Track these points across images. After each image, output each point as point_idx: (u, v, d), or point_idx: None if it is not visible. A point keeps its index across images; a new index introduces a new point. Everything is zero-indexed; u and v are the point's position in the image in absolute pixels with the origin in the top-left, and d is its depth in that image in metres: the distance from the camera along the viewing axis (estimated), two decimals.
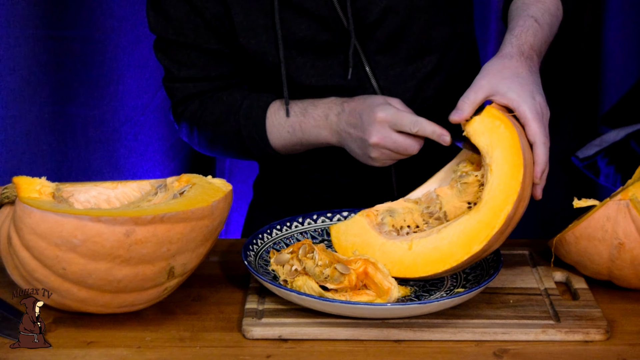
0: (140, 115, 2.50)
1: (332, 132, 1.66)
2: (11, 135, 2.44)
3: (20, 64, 2.40)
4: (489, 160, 1.45)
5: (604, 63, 2.58)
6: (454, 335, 1.39)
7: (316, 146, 1.71)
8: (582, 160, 2.59)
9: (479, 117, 1.47)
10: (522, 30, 1.57)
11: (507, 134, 1.44)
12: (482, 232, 1.41)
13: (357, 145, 1.62)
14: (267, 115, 1.71)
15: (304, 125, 1.68)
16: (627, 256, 1.47)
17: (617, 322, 1.45)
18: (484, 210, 1.42)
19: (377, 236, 1.51)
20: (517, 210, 1.42)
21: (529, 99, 1.47)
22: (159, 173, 2.54)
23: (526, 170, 1.42)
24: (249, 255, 1.52)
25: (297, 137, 1.70)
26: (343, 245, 1.54)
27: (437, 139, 1.54)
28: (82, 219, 1.31)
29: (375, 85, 1.72)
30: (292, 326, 1.40)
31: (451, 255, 1.42)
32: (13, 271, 1.38)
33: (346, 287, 1.42)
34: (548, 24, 1.62)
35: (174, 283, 1.43)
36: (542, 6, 1.64)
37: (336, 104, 1.65)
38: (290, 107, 1.69)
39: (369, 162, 1.62)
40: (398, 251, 1.47)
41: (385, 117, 1.56)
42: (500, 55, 1.54)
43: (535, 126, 1.46)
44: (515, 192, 1.40)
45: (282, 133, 1.70)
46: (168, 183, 1.50)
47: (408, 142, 1.56)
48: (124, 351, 1.36)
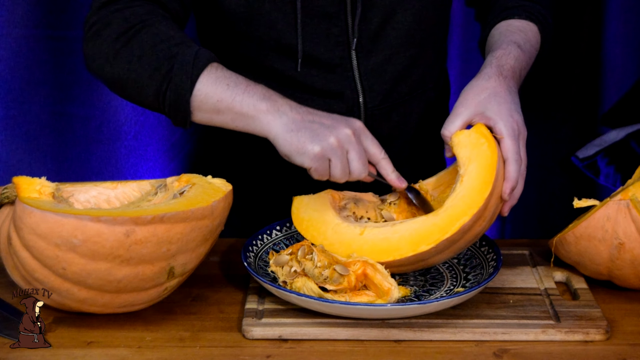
0: (140, 115, 2.50)
1: (273, 109, 1.48)
2: (11, 135, 2.44)
3: (20, 64, 2.40)
4: (462, 172, 1.47)
5: (604, 63, 2.58)
6: (454, 335, 1.39)
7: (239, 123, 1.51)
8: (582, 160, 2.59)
9: (467, 131, 1.51)
10: (504, 53, 1.60)
11: (487, 152, 1.47)
12: (433, 235, 1.42)
13: (311, 131, 1.45)
14: (209, 66, 1.51)
15: (249, 88, 1.50)
16: (627, 256, 1.47)
17: (617, 322, 1.45)
18: (442, 216, 1.44)
19: (334, 216, 1.52)
20: (474, 226, 1.43)
21: (505, 117, 1.50)
22: (159, 173, 2.54)
23: (494, 191, 1.44)
24: (249, 256, 1.52)
25: (230, 96, 1.49)
26: (300, 216, 1.54)
27: (392, 182, 1.52)
28: (82, 219, 1.31)
29: (356, 68, 1.68)
30: (292, 326, 1.40)
31: (397, 249, 1.43)
32: (13, 271, 1.38)
33: (345, 288, 1.42)
34: (529, 52, 1.66)
35: (174, 283, 1.43)
36: (524, 36, 1.67)
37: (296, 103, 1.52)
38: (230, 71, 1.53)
39: (303, 160, 1.46)
40: (349, 234, 1.48)
41: (362, 127, 1.50)
42: (478, 76, 1.57)
43: (509, 143, 1.48)
44: (477, 207, 1.42)
45: (217, 87, 1.49)
46: (168, 183, 1.50)
47: (363, 161, 1.47)
48: (124, 351, 1.36)
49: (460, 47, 2.58)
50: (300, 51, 1.65)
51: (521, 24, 1.69)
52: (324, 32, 1.66)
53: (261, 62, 1.68)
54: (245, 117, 1.50)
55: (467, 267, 1.55)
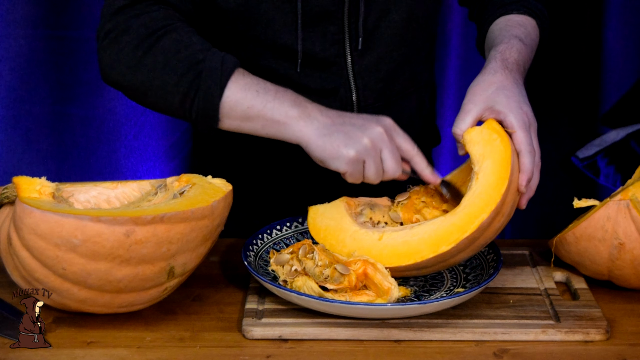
0: (140, 115, 2.50)
1: (304, 115, 1.48)
2: (11, 135, 2.45)
3: (20, 64, 2.40)
4: (477, 169, 1.46)
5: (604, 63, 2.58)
6: (454, 335, 1.39)
7: (270, 130, 1.50)
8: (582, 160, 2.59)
9: (479, 128, 1.50)
10: (506, 47, 1.60)
11: (501, 148, 1.46)
12: (452, 235, 1.41)
13: (344, 134, 1.46)
14: (236, 72, 1.51)
15: (279, 95, 1.50)
16: (627, 256, 1.47)
17: (617, 322, 1.45)
18: (460, 215, 1.43)
19: (351, 223, 1.52)
20: (493, 222, 1.43)
21: (515, 109, 1.49)
22: (159, 173, 2.54)
23: (511, 186, 1.44)
24: (249, 255, 1.52)
25: (261, 103, 1.48)
26: (317, 226, 1.54)
27: (427, 177, 1.51)
28: (82, 219, 1.31)
29: (350, 66, 1.68)
30: (292, 326, 1.40)
31: (418, 252, 1.43)
32: (13, 271, 1.38)
33: (346, 288, 1.42)
34: (530, 46, 1.66)
35: (174, 283, 1.43)
36: (525, 30, 1.67)
37: None
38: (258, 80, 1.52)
39: (339, 165, 1.47)
40: (368, 240, 1.48)
41: (392, 124, 1.50)
42: (484, 71, 1.56)
43: (522, 135, 1.47)
44: (494, 203, 1.41)
45: (247, 93, 1.49)
46: (168, 183, 1.50)
47: (397, 159, 1.48)
48: (124, 351, 1.36)
49: (460, 47, 2.59)
50: (300, 52, 1.65)
51: (520, 18, 1.69)
52: (320, 30, 1.66)
53: (257, 62, 1.67)
54: (277, 124, 1.49)
55: (467, 267, 1.55)
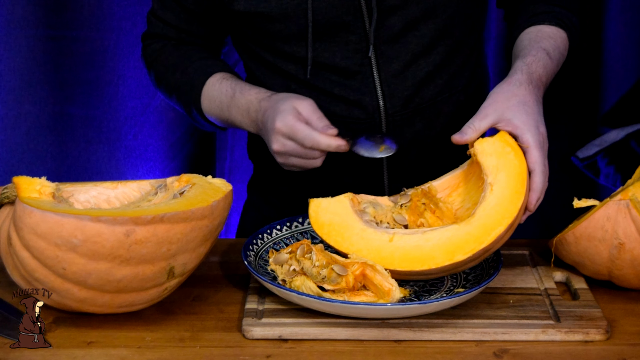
0: (140, 115, 2.50)
1: (253, 125, 1.67)
2: (11, 135, 2.44)
3: (20, 64, 2.40)
4: (491, 180, 1.46)
5: (604, 63, 2.58)
6: (454, 335, 1.39)
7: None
8: (582, 160, 2.59)
9: (491, 139, 1.50)
10: (534, 60, 1.59)
11: (515, 161, 1.47)
12: (468, 244, 1.42)
13: (263, 137, 1.64)
14: (206, 83, 1.72)
15: (231, 109, 1.70)
16: (627, 256, 1.47)
17: (617, 322, 1.45)
18: (475, 224, 1.43)
19: (358, 220, 1.50)
20: (507, 233, 1.44)
21: (533, 128, 1.49)
22: (159, 173, 2.54)
23: (524, 200, 1.45)
24: (249, 255, 1.52)
25: (224, 116, 1.71)
26: (320, 220, 1.52)
27: (336, 150, 1.57)
28: (82, 219, 1.31)
29: (376, 75, 1.69)
30: (292, 326, 1.40)
31: (432, 258, 1.43)
32: (13, 271, 1.38)
33: (343, 289, 1.42)
34: (557, 60, 1.65)
35: (174, 283, 1.43)
36: (554, 42, 1.66)
37: (257, 99, 1.65)
38: (223, 84, 1.71)
39: None
40: (377, 241, 1.47)
41: (281, 128, 1.57)
42: (509, 81, 1.55)
43: (536, 154, 1.48)
44: (512, 217, 1.43)
45: (212, 107, 1.72)
46: (168, 183, 1.50)
47: (308, 154, 1.58)
48: (124, 351, 1.36)
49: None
50: (310, 59, 1.67)
51: (551, 30, 1.68)
52: (342, 40, 1.67)
53: (279, 66, 1.72)
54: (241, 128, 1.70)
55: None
